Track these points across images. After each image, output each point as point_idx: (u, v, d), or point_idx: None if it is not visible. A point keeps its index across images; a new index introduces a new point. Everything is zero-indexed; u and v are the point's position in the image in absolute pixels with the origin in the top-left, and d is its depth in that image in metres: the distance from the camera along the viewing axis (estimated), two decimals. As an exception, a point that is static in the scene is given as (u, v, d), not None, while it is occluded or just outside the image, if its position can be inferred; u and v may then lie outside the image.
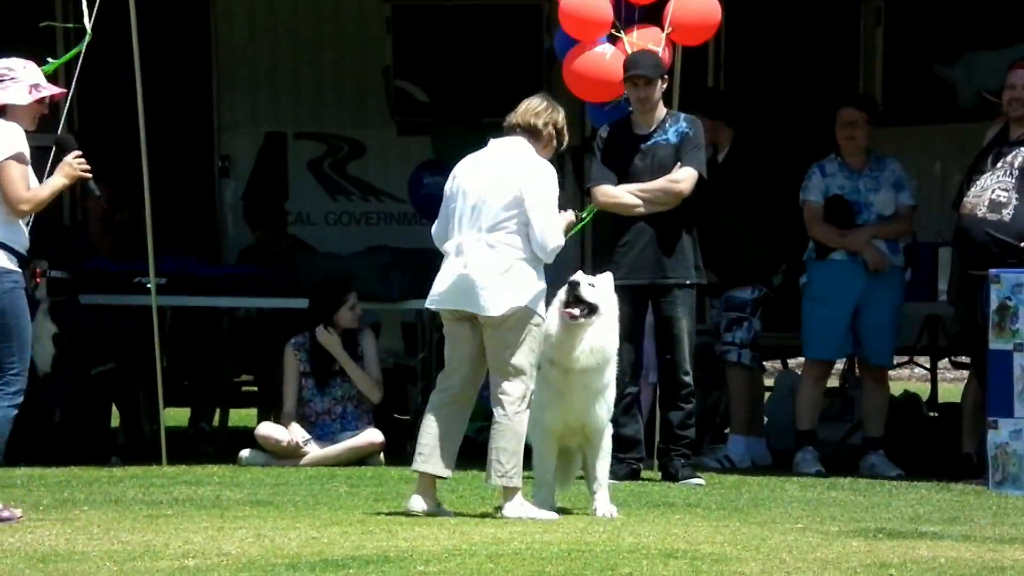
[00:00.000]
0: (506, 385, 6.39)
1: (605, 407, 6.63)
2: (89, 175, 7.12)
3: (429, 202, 10.02)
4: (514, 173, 6.41)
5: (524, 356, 6.40)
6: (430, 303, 6.56)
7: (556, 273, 6.68)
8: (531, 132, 6.49)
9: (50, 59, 7.79)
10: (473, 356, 6.45)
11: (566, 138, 6.57)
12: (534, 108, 6.48)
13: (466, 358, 6.45)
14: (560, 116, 6.51)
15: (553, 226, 6.41)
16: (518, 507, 6.42)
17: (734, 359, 8.73)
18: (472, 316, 6.42)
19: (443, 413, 6.46)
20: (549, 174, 6.47)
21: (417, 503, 6.47)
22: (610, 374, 6.63)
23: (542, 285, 6.46)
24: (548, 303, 6.53)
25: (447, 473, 6.50)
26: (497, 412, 6.41)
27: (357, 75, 10.75)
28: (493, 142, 6.55)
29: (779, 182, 8.90)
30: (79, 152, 6.99)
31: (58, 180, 6.81)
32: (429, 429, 6.46)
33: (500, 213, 6.37)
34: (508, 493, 6.45)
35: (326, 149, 10.83)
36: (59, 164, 6.93)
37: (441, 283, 6.49)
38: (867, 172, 8.62)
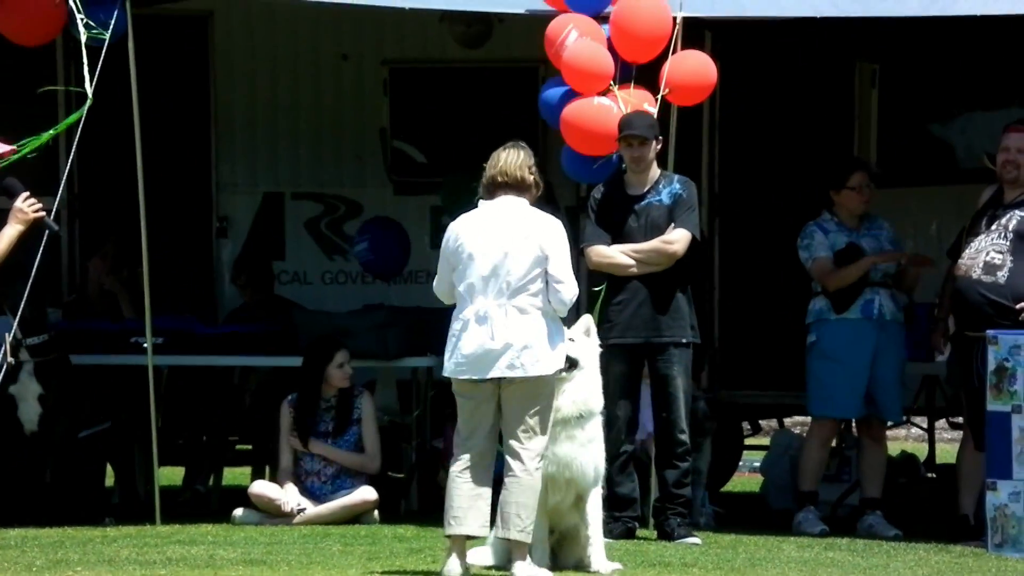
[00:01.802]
0: (526, 441, 6.38)
1: (591, 462, 6.62)
2: (42, 214, 7.13)
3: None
4: (533, 233, 6.45)
5: (545, 413, 6.42)
6: (455, 372, 6.44)
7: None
8: (519, 186, 6.53)
9: (53, 129, 7.85)
10: (494, 416, 6.45)
11: (540, 181, 6.62)
12: (515, 161, 6.52)
13: (488, 419, 6.44)
14: (533, 159, 6.57)
15: (573, 279, 6.48)
16: (528, 567, 6.40)
17: None
18: (496, 379, 6.39)
19: (468, 474, 6.43)
20: (561, 227, 6.56)
21: (455, 567, 6.41)
22: (593, 428, 6.65)
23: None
24: None
25: (483, 532, 6.47)
26: (516, 466, 6.38)
27: (355, 136, 10.81)
28: (490, 204, 6.54)
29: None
30: (27, 193, 7.00)
31: (12, 229, 6.81)
32: (459, 491, 6.41)
33: (524, 275, 6.39)
34: (521, 550, 6.42)
35: (323, 209, 10.88)
36: (10, 212, 6.92)
37: (466, 351, 6.41)
38: (864, 231, 8.65)
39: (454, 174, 10.12)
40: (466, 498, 6.40)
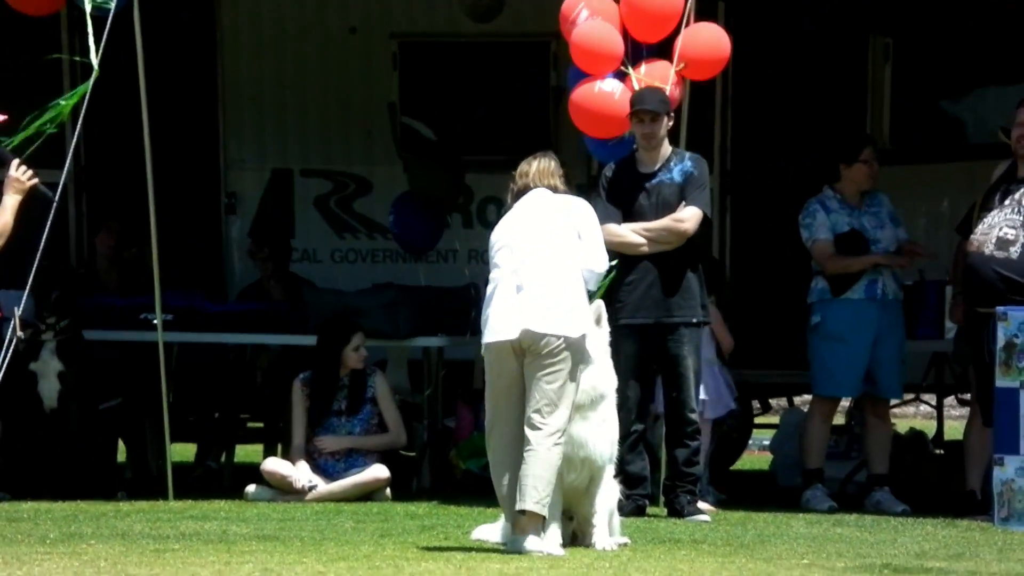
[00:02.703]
0: (547, 415, 6.42)
1: (606, 440, 6.67)
2: (36, 181, 7.13)
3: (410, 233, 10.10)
4: (565, 211, 6.64)
5: (567, 387, 6.45)
6: (490, 337, 6.50)
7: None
8: (552, 192, 6.72)
9: (63, 102, 7.84)
10: (521, 393, 6.47)
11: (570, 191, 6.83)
12: (547, 169, 6.70)
13: (515, 396, 6.46)
14: (561, 168, 6.78)
15: (604, 253, 6.66)
16: (538, 542, 6.42)
17: None
18: (522, 350, 6.43)
19: (515, 466, 6.42)
20: (591, 207, 6.78)
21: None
22: (606, 409, 6.70)
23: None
24: None
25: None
26: (534, 439, 6.41)
27: (363, 112, 10.78)
28: (524, 200, 6.64)
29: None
30: (17, 161, 7.00)
31: (11, 199, 6.83)
32: (521, 472, 6.38)
33: (558, 249, 6.52)
34: (534, 522, 6.43)
35: (332, 186, 10.85)
36: (4, 183, 6.92)
37: (499, 316, 6.49)
38: (866, 208, 8.65)
39: (416, 159, 10.10)
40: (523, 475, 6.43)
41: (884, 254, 8.53)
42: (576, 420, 6.58)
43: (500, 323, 6.50)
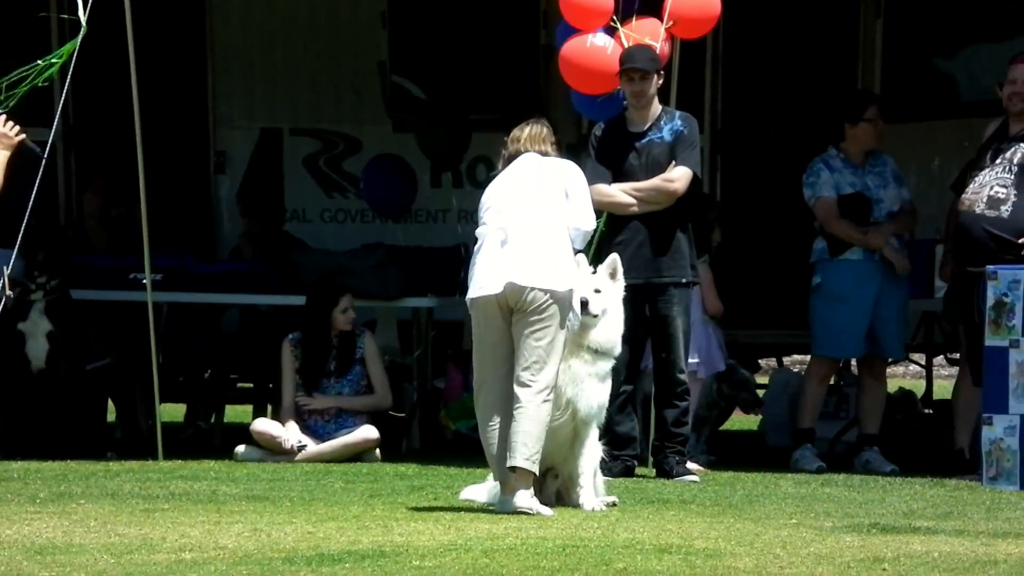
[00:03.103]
0: (536, 372, 6.43)
1: (597, 397, 6.70)
2: (23, 136, 7.09)
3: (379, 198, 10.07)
4: (553, 172, 6.66)
5: (555, 344, 6.46)
6: (475, 292, 6.53)
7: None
8: (542, 156, 6.74)
9: (55, 60, 7.78)
10: (508, 351, 6.49)
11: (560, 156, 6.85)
12: (538, 134, 6.71)
13: (501, 354, 6.47)
14: (554, 135, 6.79)
15: (591, 213, 6.70)
16: (528, 499, 6.44)
17: None
18: (508, 307, 6.43)
19: (504, 424, 6.44)
20: (579, 169, 6.81)
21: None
22: (607, 366, 6.77)
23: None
24: None
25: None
26: (523, 396, 6.43)
27: (353, 70, 10.73)
28: (513, 164, 6.65)
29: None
30: (4, 116, 6.97)
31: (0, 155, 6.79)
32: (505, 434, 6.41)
33: (548, 209, 6.55)
34: (525, 479, 6.45)
35: (322, 146, 10.82)
36: None
37: (484, 271, 6.51)
38: (869, 168, 8.62)
39: (424, 120, 10.06)
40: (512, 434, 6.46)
41: (878, 234, 8.43)
42: (579, 360, 6.62)
43: (485, 278, 6.51)
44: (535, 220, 6.54)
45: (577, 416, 6.68)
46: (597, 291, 6.73)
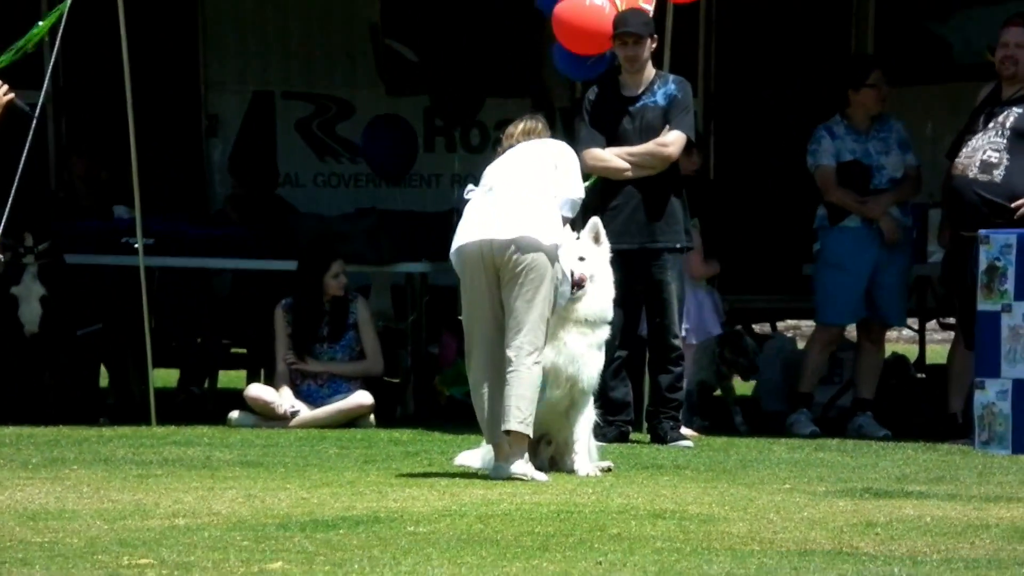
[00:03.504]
0: (526, 334, 6.43)
1: (594, 366, 6.68)
2: (12, 95, 7.06)
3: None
4: (545, 148, 6.71)
5: (543, 305, 6.46)
6: (458, 243, 6.52)
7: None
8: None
9: (40, 23, 7.74)
10: (495, 314, 6.48)
11: None
12: (532, 128, 6.76)
13: (488, 315, 6.47)
14: (549, 131, 6.86)
15: (580, 185, 6.73)
16: (523, 465, 6.44)
17: None
18: (495, 267, 6.44)
19: (495, 387, 6.45)
20: (571, 149, 6.86)
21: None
22: (602, 335, 6.72)
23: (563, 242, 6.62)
24: None
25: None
26: (515, 358, 6.43)
27: (345, 34, 10.68)
28: (510, 151, 6.70)
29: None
30: None
31: None
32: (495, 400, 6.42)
33: (535, 176, 6.58)
34: (519, 443, 6.45)
35: (314, 109, 10.77)
36: None
37: (467, 226, 6.53)
38: (874, 134, 8.59)
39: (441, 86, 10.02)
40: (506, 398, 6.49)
41: (876, 203, 8.40)
42: (574, 334, 6.63)
43: (467, 231, 6.52)
44: (521, 182, 6.57)
45: (576, 388, 6.68)
46: (581, 259, 6.72)
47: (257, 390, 8.95)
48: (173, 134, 10.63)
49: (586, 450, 6.71)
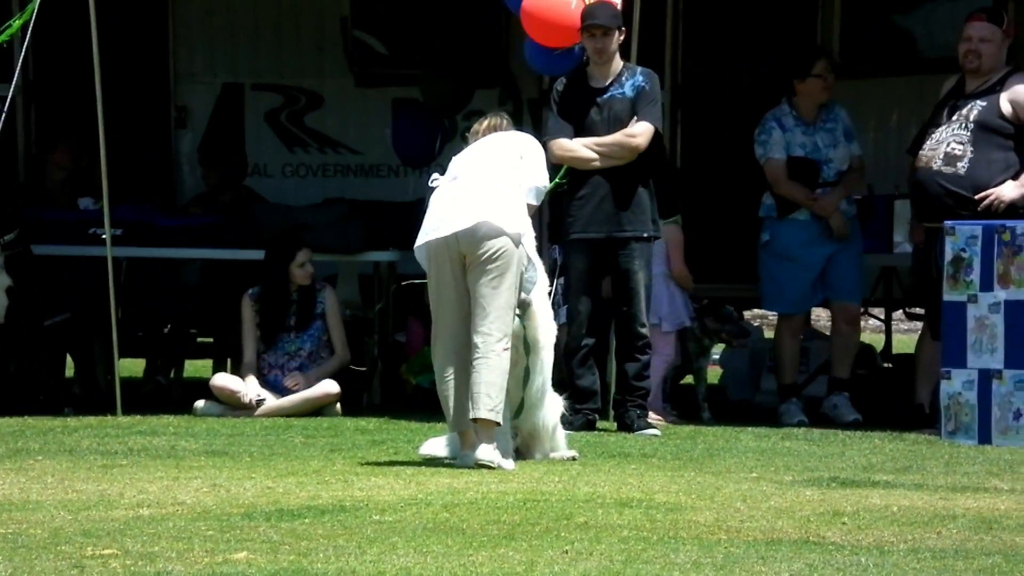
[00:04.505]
0: (494, 320, 6.41)
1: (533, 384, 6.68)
2: None
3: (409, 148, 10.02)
4: (511, 140, 6.74)
5: (510, 291, 6.45)
6: (424, 238, 6.51)
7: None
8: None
9: (12, 21, 7.71)
10: (461, 301, 6.47)
11: None
12: (497, 124, 6.78)
13: (455, 303, 6.45)
14: (514, 127, 6.89)
15: (545, 175, 6.78)
16: (490, 452, 6.43)
17: None
18: (461, 256, 6.42)
19: (461, 374, 6.43)
20: (537, 142, 6.92)
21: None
22: (544, 361, 6.68)
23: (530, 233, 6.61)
24: None
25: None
26: (483, 345, 6.40)
27: (315, 25, 10.67)
28: (475, 143, 6.73)
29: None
30: None
31: None
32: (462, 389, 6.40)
33: (501, 165, 6.60)
34: (487, 430, 6.43)
35: (283, 100, 10.77)
36: None
37: (433, 217, 6.52)
38: (820, 124, 8.64)
39: (433, 76, 10.01)
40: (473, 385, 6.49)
41: (827, 202, 8.43)
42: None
43: (434, 223, 6.52)
44: (486, 172, 6.58)
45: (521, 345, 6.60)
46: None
47: (223, 379, 8.94)
48: (142, 125, 10.61)
49: (550, 438, 6.71)
